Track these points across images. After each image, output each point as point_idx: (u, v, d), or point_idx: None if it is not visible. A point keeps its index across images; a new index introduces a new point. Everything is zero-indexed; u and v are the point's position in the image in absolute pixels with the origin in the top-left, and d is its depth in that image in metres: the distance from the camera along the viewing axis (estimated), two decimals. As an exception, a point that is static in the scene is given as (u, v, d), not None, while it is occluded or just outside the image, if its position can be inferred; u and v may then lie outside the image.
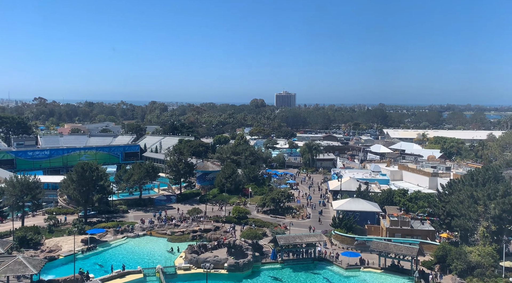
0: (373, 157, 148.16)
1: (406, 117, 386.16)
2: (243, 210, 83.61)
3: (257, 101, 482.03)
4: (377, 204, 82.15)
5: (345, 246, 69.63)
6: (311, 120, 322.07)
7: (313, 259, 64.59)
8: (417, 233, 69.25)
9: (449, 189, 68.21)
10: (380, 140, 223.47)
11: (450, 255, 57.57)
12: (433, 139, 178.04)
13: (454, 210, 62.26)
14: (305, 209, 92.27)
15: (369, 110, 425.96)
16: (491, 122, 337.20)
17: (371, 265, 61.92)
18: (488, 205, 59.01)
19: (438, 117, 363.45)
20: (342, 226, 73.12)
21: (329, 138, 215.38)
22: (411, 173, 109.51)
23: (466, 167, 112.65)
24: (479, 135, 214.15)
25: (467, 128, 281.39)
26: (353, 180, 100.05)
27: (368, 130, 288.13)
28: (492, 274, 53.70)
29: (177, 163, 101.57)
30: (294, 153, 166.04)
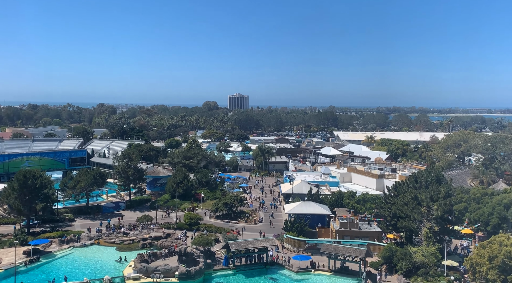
0: (324, 160, 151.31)
1: (355, 119, 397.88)
2: (195, 216, 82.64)
3: (209, 103, 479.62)
4: (327, 207, 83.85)
5: (296, 250, 70.44)
6: (264, 123, 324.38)
7: (265, 264, 64.88)
8: (365, 234, 71.27)
9: (394, 191, 70.78)
10: (330, 142, 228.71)
11: (396, 256, 59.69)
12: (380, 141, 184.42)
13: (400, 211, 64.66)
14: (258, 213, 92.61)
15: (320, 112, 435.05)
16: (434, 124, 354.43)
17: (322, 267, 63.04)
18: (431, 207, 61.79)
19: (385, 119, 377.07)
20: (293, 230, 73.95)
21: (281, 140, 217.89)
22: (359, 175, 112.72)
23: (411, 169, 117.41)
24: (423, 136, 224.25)
25: (412, 130, 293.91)
26: (304, 183, 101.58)
27: (319, 132, 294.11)
28: (435, 273, 56.16)
29: (126, 169, 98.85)
30: (247, 156, 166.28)
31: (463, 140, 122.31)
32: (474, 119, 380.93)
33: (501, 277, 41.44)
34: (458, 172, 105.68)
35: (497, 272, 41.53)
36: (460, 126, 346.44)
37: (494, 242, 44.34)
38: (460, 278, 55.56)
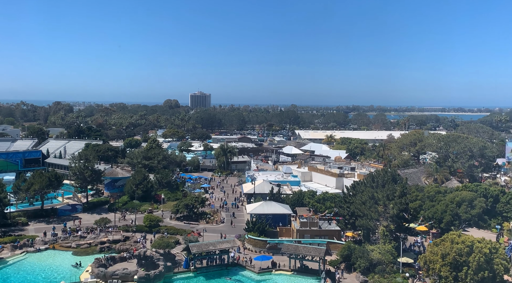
0: (286, 159, 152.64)
1: (316, 118, 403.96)
2: (154, 218, 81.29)
3: (171, 101, 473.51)
4: (288, 206, 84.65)
5: (258, 250, 70.70)
6: (226, 121, 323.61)
7: (226, 265, 64.73)
8: (325, 233, 72.47)
9: (353, 191, 72.37)
10: (292, 141, 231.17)
11: (354, 254, 61.03)
12: (339, 140, 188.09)
13: (358, 210, 66.18)
14: (220, 213, 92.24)
15: (282, 111, 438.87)
16: (391, 122, 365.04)
17: (282, 267, 63.57)
18: (387, 205, 63.60)
19: (344, 118, 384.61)
20: (255, 230, 74.17)
21: (244, 139, 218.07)
22: (320, 174, 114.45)
23: (369, 167, 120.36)
24: (380, 135, 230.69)
25: (370, 129, 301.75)
26: (266, 183, 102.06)
27: (281, 131, 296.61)
28: (391, 270, 57.85)
29: (82, 170, 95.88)
30: (209, 156, 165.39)
31: (418, 139, 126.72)
32: (429, 118, 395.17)
33: (452, 273, 43.18)
34: (413, 170, 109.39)
35: (449, 269, 43.25)
36: (416, 124, 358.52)
37: (447, 240, 46.15)
38: (415, 275, 57.53)
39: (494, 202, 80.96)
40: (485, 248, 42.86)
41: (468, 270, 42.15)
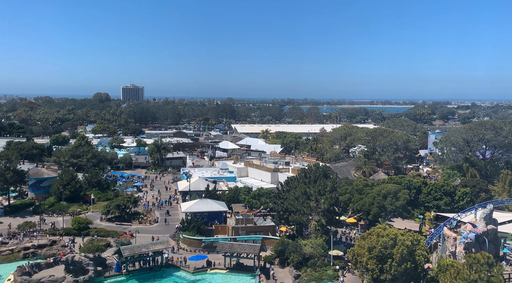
0: (222, 154, 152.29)
1: (252, 111, 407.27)
2: (84, 220, 77.72)
3: (101, 95, 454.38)
4: (224, 203, 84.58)
5: (193, 249, 70.00)
6: (160, 115, 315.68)
7: (160, 267, 63.43)
8: (260, 229, 73.37)
9: (286, 186, 73.76)
10: (228, 135, 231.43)
11: (288, 249, 62.35)
12: (275, 134, 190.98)
13: (291, 206, 67.60)
14: (153, 213, 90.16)
15: (218, 104, 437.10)
16: (324, 115, 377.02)
17: (218, 266, 63.47)
18: (319, 200, 65.55)
19: (280, 111, 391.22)
20: (190, 229, 73.40)
21: (179, 134, 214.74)
22: (255, 169, 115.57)
23: (302, 161, 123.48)
24: (314, 128, 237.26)
25: (304, 122, 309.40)
26: (202, 180, 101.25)
27: (218, 125, 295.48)
28: (323, 263, 59.82)
29: (3, 172, 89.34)
30: (143, 152, 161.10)
31: (348, 134, 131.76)
32: (358, 111, 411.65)
33: (378, 266, 45.46)
34: (343, 163, 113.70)
35: (375, 261, 45.46)
36: (347, 117, 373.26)
37: (373, 234, 48.45)
38: (345, 266, 59.94)
39: (417, 193, 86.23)
40: (407, 241, 45.51)
41: (392, 262, 44.57)
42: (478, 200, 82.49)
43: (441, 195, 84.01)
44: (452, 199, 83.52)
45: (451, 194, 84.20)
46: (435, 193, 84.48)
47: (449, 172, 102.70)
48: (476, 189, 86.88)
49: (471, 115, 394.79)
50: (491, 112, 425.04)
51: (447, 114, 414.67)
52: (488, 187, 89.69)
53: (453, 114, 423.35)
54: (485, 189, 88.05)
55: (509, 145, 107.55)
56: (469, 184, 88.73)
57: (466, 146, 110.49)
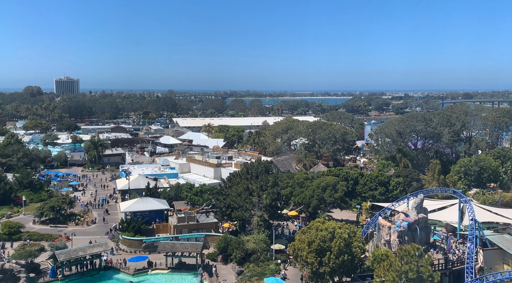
0: (163, 150, 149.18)
1: (194, 104, 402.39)
2: (14, 224, 73.26)
3: (32, 88, 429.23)
4: (165, 201, 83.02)
5: (133, 250, 68.28)
6: (97, 109, 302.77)
7: (98, 270, 61.32)
8: (203, 226, 72.91)
9: (229, 183, 73.73)
10: (170, 129, 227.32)
11: (230, 245, 62.50)
12: (217, 128, 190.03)
13: (233, 202, 67.72)
14: (91, 213, 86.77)
15: (159, 97, 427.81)
16: (267, 108, 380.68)
17: (159, 266, 62.39)
18: (261, 196, 66.15)
19: (222, 104, 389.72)
20: (130, 229, 71.48)
21: (117, 129, 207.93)
22: (198, 165, 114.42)
23: (245, 155, 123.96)
24: (256, 121, 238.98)
25: (247, 115, 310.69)
26: (142, 177, 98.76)
27: (158, 119, 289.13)
28: (265, 257, 60.63)
29: None
30: (79, 149, 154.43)
31: (289, 127, 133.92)
32: (299, 103, 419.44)
33: (318, 259, 46.72)
34: (285, 157, 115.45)
35: (314, 255, 46.66)
36: (288, 109, 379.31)
37: (312, 228, 49.70)
38: (286, 260, 61.09)
39: (354, 184, 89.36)
40: (344, 233, 47.13)
41: (330, 255, 45.99)
42: (410, 189, 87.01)
43: (376, 185, 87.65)
44: (386, 189, 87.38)
45: (385, 184, 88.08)
46: (371, 183, 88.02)
47: (384, 163, 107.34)
48: (408, 178, 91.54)
49: (404, 106, 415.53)
50: (423, 102, 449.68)
51: (382, 105, 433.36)
52: (419, 177, 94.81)
53: (388, 105, 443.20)
54: (417, 178, 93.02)
55: (438, 136, 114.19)
56: (402, 174, 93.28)
57: (399, 137, 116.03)
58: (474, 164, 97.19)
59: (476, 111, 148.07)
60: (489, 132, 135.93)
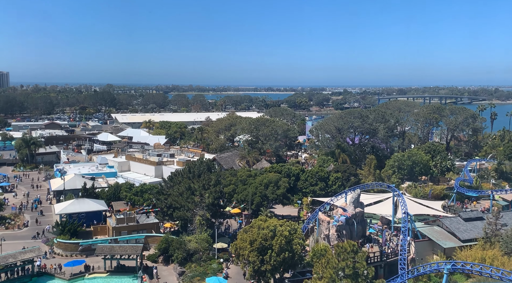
0: (101, 148, 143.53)
1: (134, 99, 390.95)
2: None
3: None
4: (103, 202, 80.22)
5: (69, 254, 65.40)
6: (29, 105, 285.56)
7: (31, 276, 58.08)
8: (143, 227, 71.11)
9: (170, 182, 72.43)
10: (108, 126, 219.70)
11: (172, 246, 61.56)
12: (158, 124, 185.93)
13: (175, 202, 66.67)
14: (23, 216, 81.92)
15: (96, 91, 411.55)
16: (210, 103, 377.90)
17: (97, 269, 60.22)
18: (203, 195, 65.63)
19: (164, 98, 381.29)
20: (65, 232, 68.41)
21: (51, 126, 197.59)
22: (138, 163, 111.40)
23: (188, 153, 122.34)
24: (199, 117, 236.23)
25: (190, 110, 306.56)
26: (78, 177, 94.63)
27: (96, 115, 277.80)
28: (208, 257, 60.32)
29: None
30: (9, 147, 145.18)
31: (232, 123, 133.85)
32: (243, 98, 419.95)
33: (259, 257, 47.15)
34: (228, 154, 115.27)
35: (256, 253, 47.04)
36: (232, 105, 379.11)
37: (254, 227, 50.04)
38: (229, 258, 61.15)
39: (295, 180, 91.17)
40: (285, 231, 47.90)
41: (272, 253, 46.57)
42: (348, 184, 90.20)
43: (316, 181, 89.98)
44: (326, 184, 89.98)
45: (325, 179, 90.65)
46: (311, 179, 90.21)
47: (324, 158, 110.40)
48: (346, 174, 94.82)
49: (343, 101, 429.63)
50: (360, 98, 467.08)
51: (322, 100, 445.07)
52: (356, 172, 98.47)
53: (328, 101, 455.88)
54: (354, 173, 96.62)
55: (374, 131, 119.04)
56: (341, 169, 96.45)
57: (338, 133, 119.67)
58: (407, 159, 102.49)
59: (409, 107, 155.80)
60: (421, 128, 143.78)
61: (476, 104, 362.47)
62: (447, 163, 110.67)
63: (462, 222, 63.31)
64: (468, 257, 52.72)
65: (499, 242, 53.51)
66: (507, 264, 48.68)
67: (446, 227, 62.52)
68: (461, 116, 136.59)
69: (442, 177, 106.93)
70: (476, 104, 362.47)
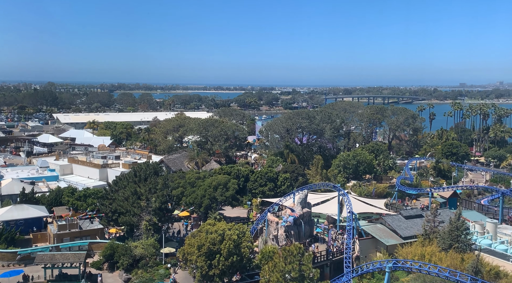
0: (41, 150, 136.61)
1: (78, 98, 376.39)
2: None
3: None
4: (44, 207, 76.39)
5: (6, 264, 61.86)
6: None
7: (-38, 291, 54.44)
8: (87, 233, 68.59)
9: (115, 186, 70.30)
10: (50, 126, 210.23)
11: (117, 252, 59.73)
12: (103, 124, 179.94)
13: (120, 207, 64.79)
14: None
15: (36, 90, 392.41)
16: (158, 102, 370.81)
17: (37, 279, 57.35)
18: (150, 199, 64.23)
19: (109, 97, 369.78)
20: (2, 241, 64.60)
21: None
22: (81, 166, 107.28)
23: (134, 154, 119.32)
24: (147, 117, 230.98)
25: (137, 110, 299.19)
26: (16, 181, 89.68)
27: (37, 114, 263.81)
28: (154, 262, 59.12)
29: None
30: None
31: (181, 124, 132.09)
32: (192, 97, 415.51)
33: (207, 262, 46.82)
34: (177, 155, 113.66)
35: (204, 258, 46.68)
36: (180, 104, 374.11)
37: (202, 231, 49.61)
38: (177, 263, 60.26)
39: (245, 181, 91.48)
40: (234, 235, 47.88)
41: (220, 257, 46.39)
42: (296, 184, 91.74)
43: (265, 181, 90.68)
44: (275, 185, 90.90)
45: (274, 180, 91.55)
46: (261, 180, 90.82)
47: (273, 159, 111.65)
48: (295, 174, 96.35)
49: (292, 101, 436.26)
50: (308, 98, 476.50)
51: (272, 100, 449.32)
52: (304, 172, 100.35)
53: (277, 100, 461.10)
54: (302, 173, 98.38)
55: (321, 131, 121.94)
56: (289, 170, 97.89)
57: (286, 134, 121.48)
58: (352, 158, 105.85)
59: (354, 108, 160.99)
60: (365, 127, 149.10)
61: (416, 103, 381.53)
62: (389, 162, 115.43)
63: (403, 220, 66.09)
64: (408, 253, 55.10)
65: (436, 238, 56.31)
66: (444, 259, 51.35)
67: (388, 225, 65.01)
68: (402, 117, 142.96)
69: (385, 175, 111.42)
70: (416, 103, 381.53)
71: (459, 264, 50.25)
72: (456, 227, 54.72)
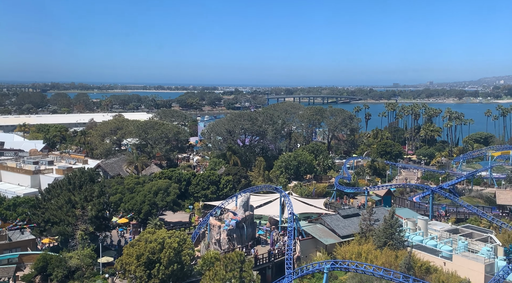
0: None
1: (7, 98, 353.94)
2: None
3: None
4: (-33, 219, 71.09)
5: None
6: None
7: None
8: (17, 245, 64.52)
9: (47, 195, 66.60)
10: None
11: (51, 264, 56.67)
12: (35, 127, 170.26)
13: (53, 217, 61.52)
14: None
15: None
16: (94, 102, 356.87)
17: (-39, 299, 53.20)
18: (86, 207, 61.54)
19: (42, 98, 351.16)
20: None
21: None
22: (11, 173, 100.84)
23: (69, 159, 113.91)
24: (83, 118, 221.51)
25: (72, 110, 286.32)
26: None
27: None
28: (91, 273, 56.70)
29: None
30: None
31: (119, 127, 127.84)
32: (131, 97, 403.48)
33: (146, 272, 45.63)
34: (115, 159, 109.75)
35: (143, 268, 45.43)
36: (119, 104, 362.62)
37: (142, 240, 48.22)
38: (115, 272, 58.20)
39: (187, 185, 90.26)
40: (174, 243, 46.97)
41: (160, 266, 45.36)
42: (239, 186, 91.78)
43: (208, 184, 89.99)
44: (217, 188, 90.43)
45: (216, 182, 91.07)
46: (203, 183, 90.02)
47: (215, 161, 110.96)
48: (237, 176, 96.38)
49: (235, 101, 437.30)
50: (251, 98, 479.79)
51: (214, 100, 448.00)
52: (247, 174, 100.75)
53: (220, 100, 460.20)
54: (245, 175, 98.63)
55: (263, 133, 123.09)
56: (232, 172, 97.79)
57: (229, 135, 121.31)
58: (293, 159, 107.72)
59: (295, 109, 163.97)
60: (305, 128, 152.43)
61: (354, 103, 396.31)
62: (329, 161, 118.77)
63: (341, 219, 68.18)
64: (346, 252, 57.00)
65: (372, 236, 58.68)
66: (379, 257, 53.63)
67: (327, 224, 66.78)
68: (339, 117, 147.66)
69: (325, 175, 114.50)
70: (354, 103, 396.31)
71: (393, 261, 52.74)
72: (390, 225, 57.32)
